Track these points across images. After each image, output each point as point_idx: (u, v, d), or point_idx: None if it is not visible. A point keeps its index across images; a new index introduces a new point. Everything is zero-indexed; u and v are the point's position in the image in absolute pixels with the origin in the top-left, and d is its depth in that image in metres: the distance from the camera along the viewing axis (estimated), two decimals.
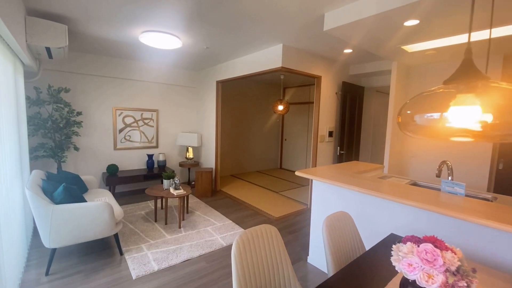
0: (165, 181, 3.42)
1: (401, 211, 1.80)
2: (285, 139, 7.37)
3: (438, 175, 2.04)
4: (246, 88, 6.41)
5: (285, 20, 2.56)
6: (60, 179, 2.82)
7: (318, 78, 3.94)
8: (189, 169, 5.18)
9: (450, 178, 1.89)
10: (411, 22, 2.15)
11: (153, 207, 3.93)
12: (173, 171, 4.46)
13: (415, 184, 2.41)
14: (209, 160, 5.13)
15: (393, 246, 0.99)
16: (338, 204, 2.25)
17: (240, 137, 6.48)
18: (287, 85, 6.89)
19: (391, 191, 1.79)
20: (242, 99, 6.38)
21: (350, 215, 1.72)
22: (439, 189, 2.09)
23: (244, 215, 3.78)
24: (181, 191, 3.27)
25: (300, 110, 6.78)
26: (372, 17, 2.07)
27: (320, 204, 2.40)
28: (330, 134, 4.26)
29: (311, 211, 2.49)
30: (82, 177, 3.29)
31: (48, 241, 2.22)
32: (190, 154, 5.07)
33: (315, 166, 4.07)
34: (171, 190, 3.31)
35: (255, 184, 5.53)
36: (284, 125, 7.36)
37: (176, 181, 3.32)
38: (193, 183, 5.36)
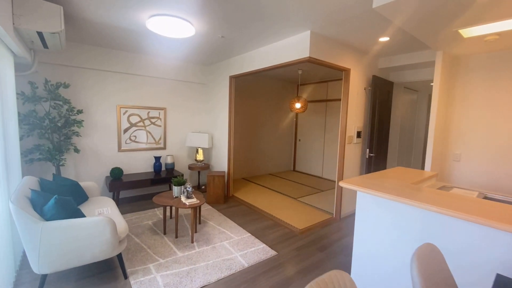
0: (175, 188, 3.00)
1: (503, 241, 1.33)
2: (299, 140, 6.91)
3: None
4: (258, 85, 5.96)
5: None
6: (55, 187, 2.43)
7: (347, 71, 3.48)
8: (199, 172, 4.77)
9: None
10: None
11: (162, 216, 3.52)
12: (182, 175, 4.06)
13: (486, 198, 1.94)
14: (221, 162, 4.71)
15: None
16: (394, 224, 1.79)
17: (252, 137, 6.04)
18: (304, 82, 6.43)
19: (487, 213, 1.33)
20: (254, 96, 5.93)
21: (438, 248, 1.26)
22: None
23: (263, 226, 3.34)
24: (194, 200, 2.85)
25: (316, 109, 6.31)
26: None
27: (368, 222, 1.95)
28: (358, 134, 3.79)
29: (355, 229, 2.04)
30: (82, 184, 2.90)
31: (37, 266, 1.82)
32: (200, 156, 4.66)
33: (342, 171, 3.61)
34: (182, 198, 2.89)
35: (269, 188, 5.09)
36: (298, 124, 6.90)
37: (188, 189, 2.91)
38: (203, 187, 4.95)
